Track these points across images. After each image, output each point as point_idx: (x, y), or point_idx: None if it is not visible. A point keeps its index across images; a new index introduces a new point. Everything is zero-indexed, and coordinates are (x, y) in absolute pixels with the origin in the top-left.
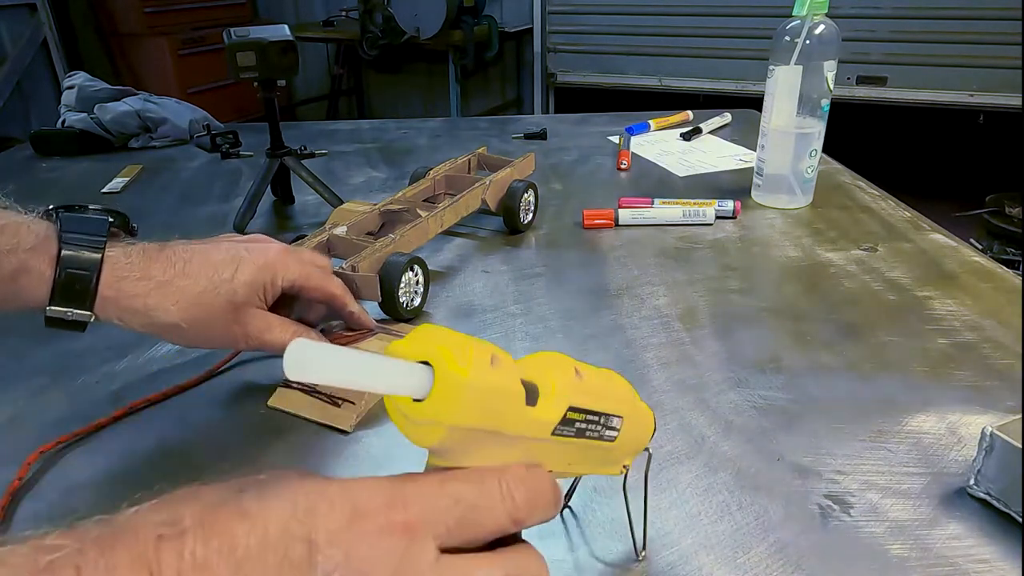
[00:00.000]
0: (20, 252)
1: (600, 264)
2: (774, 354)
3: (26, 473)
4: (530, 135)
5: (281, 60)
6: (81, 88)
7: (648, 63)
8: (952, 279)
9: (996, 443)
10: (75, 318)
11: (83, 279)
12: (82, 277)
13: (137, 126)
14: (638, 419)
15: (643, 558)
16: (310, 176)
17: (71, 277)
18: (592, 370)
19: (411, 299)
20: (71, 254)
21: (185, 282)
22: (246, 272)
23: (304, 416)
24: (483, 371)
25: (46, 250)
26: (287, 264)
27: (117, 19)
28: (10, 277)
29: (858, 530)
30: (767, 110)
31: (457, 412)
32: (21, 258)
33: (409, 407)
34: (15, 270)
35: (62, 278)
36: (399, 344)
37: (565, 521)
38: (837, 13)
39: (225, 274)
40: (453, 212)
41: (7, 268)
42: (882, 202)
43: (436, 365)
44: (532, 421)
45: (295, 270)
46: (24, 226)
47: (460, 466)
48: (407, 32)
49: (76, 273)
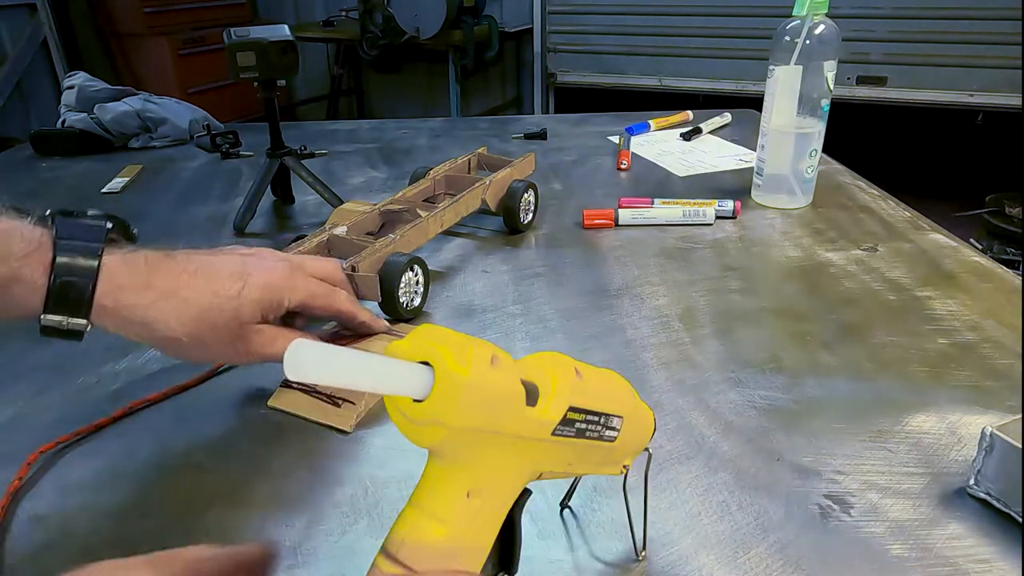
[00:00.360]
0: (12, 261)
1: (600, 264)
2: (774, 354)
3: (26, 473)
4: (530, 135)
5: (281, 60)
6: (81, 88)
7: (648, 63)
8: (952, 279)
9: (996, 443)
10: (71, 327)
11: (78, 287)
12: (77, 285)
13: (137, 126)
14: (638, 419)
15: (643, 558)
16: (310, 176)
17: (65, 285)
18: (592, 370)
19: (411, 299)
20: (66, 261)
21: (189, 295)
22: (253, 291)
23: (304, 416)
24: (483, 371)
25: (40, 258)
26: (294, 286)
27: (117, 19)
28: (2, 286)
29: (858, 530)
30: (767, 110)
31: (457, 412)
32: (13, 267)
33: (409, 408)
34: (7, 279)
35: (56, 286)
36: (399, 344)
37: (565, 521)
38: (837, 13)
39: (231, 290)
40: (453, 212)
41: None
42: (882, 202)
43: (436, 365)
44: (532, 421)
45: (301, 292)
46: (17, 232)
47: (460, 466)
48: (407, 32)
49: (71, 281)
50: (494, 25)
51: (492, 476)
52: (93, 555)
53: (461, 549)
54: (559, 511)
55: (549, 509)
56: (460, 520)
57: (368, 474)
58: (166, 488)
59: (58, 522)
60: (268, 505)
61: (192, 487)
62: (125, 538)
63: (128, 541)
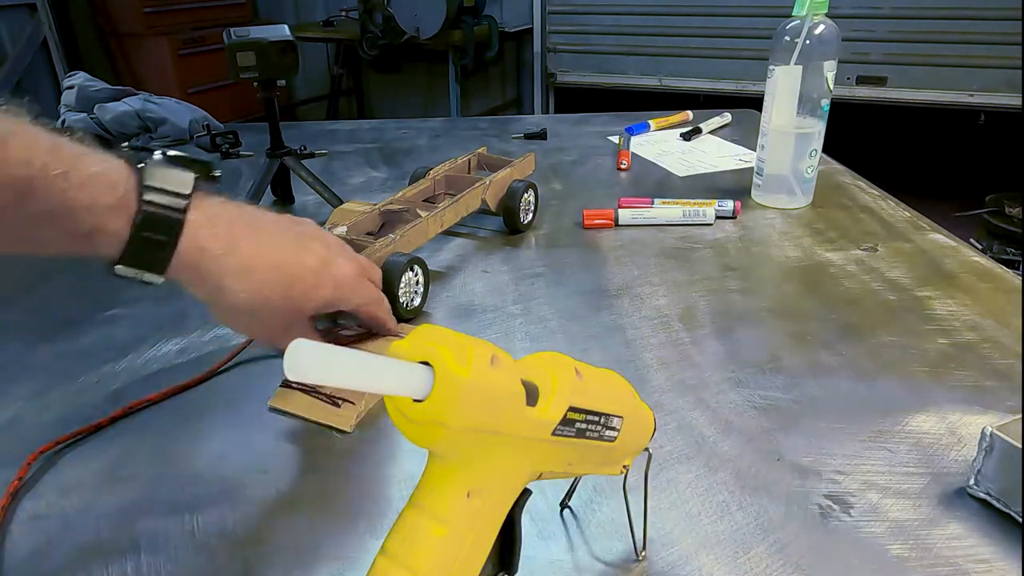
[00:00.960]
0: (97, 211)
1: (600, 264)
2: (774, 354)
3: (26, 473)
4: (530, 135)
5: (281, 60)
6: (81, 88)
7: (648, 63)
8: (952, 279)
9: (996, 443)
10: (147, 279)
11: (160, 244)
12: (159, 243)
13: (137, 126)
14: (638, 419)
15: (643, 558)
16: (310, 176)
17: (147, 241)
18: (592, 370)
19: (411, 299)
20: (152, 212)
21: (264, 277)
22: (325, 289)
23: (304, 416)
24: (483, 371)
25: (125, 208)
26: (356, 291)
27: (117, 19)
28: (85, 235)
29: (858, 530)
30: (767, 110)
31: (457, 412)
32: (99, 218)
33: (409, 408)
34: (92, 229)
35: (137, 240)
36: (399, 344)
37: (565, 521)
38: (837, 13)
39: (307, 280)
40: (453, 212)
41: (84, 227)
42: (882, 202)
43: (436, 365)
44: (532, 421)
45: (362, 297)
46: (105, 179)
47: (460, 466)
48: (407, 32)
49: (153, 238)
50: (494, 25)
51: (492, 476)
52: (93, 555)
53: (461, 549)
54: (559, 511)
55: (549, 509)
56: (460, 520)
57: (368, 474)
58: (166, 488)
59: (58, 522)
60: (268, 505)
61: (192, 487)
62: (125, 538)
63: (128, 541)
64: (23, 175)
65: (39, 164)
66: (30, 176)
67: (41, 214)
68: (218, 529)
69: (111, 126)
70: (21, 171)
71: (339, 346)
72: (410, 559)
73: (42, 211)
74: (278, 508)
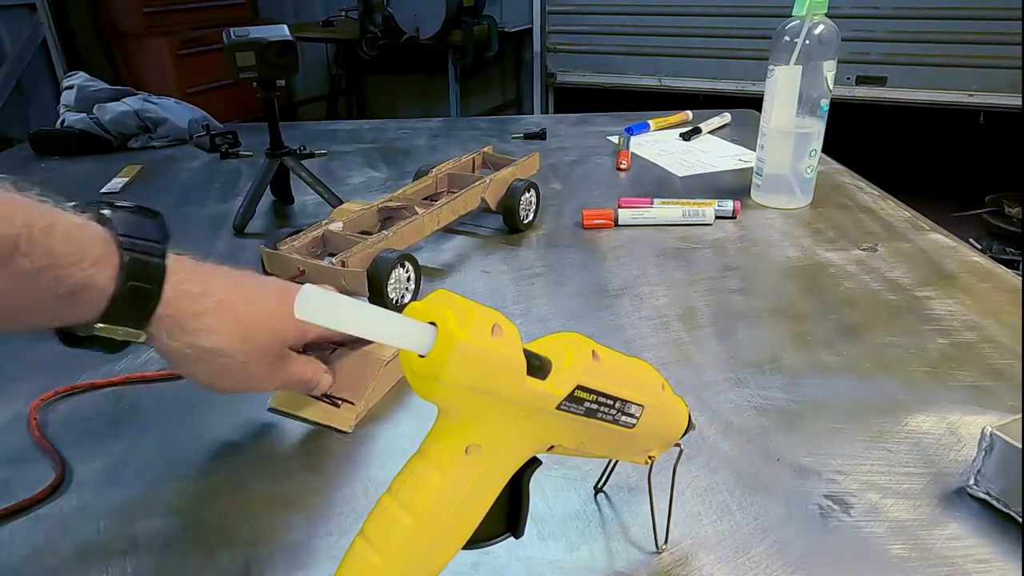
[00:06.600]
0: (86, 265)
1: (600, 264)
2: (774, 354)
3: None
4: (529, 135)
5: (280, 60)
6: (80, 88)
7: (648, 63)
8: (952, 279)
9: (996, 443)
10: (124, 337)
11: (146, 293)
12: (146, 292)
13: (136, 126)
14: (663, 411)
15: (663, 550)
16: (310, 176)
17: (134, 291)
18: (614, 356)
19: (401, 296)
20: (137, 258)
21: (242, 310)
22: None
23: (304, 417)
24: (480, 336)
25: (109, 259)
26: None
27: (117, 19)
28: (67, 296)
29: (858, 530)
30: (767, 110)
31: (452, 370)
32: (88, 272)
33: (415, 361)
34: (76, 286)
35: (125, 291)
36: (415, 305)
37: (599, 505)
38: (837, 13)
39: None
40: (451, 209)
41: (68, 284)
42: (882, 202)
43: (439, 325)
44: (533, 392)
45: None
46: (88, 229)
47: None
48: (407, 32)
49: (140, 287)
50: (494, 25)
51: (493, 437)
52: (93, 555)
53: (456, 496)
54: (592, 495)
55: (550, 509)
56: (457, 471)
57: (368, 474)
58: (167, 488)
59: (58, 522)
60: (268, 505)
61: (192, 487)
62: (125, 538)
63: (128, 541)
64: (8, 233)
65: (20, 222)
66: (15, 234)
67: (25, 275)
68: (218, 529)
69: (110, 126)
70: (3, 229)
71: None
72: (410, 499)
73: (25, 272)
74: (278, 508)
